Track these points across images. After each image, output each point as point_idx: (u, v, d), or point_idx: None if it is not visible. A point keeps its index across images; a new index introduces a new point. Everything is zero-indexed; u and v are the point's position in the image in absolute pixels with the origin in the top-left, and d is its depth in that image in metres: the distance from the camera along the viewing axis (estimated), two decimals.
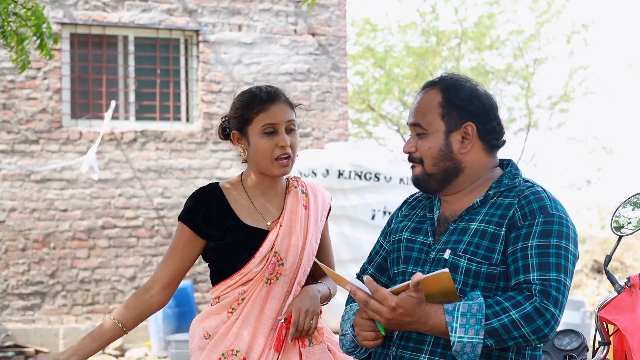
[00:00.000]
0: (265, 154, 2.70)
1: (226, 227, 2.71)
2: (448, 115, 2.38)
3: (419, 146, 2.40)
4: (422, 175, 2.42)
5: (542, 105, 16.56)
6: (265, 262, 2.70)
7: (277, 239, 2.71)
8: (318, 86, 9.70)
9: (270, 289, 2.71)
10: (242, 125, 2.74)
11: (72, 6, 8.91)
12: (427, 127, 2.39)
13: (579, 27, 16.36)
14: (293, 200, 2.79)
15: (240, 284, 2.71)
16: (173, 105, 9.36)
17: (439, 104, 2.39)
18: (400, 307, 2.16)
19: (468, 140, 2.39)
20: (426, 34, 16.59)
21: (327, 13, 9.77)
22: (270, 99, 2.73)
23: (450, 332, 2.16)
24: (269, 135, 2.71)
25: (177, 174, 9.18)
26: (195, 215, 2.72)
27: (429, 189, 2.45)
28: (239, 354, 2.66)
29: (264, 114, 2.71)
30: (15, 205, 8.70)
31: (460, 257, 2.31)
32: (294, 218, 2.76)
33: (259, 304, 2.70)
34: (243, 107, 2.74)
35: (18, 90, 8.75)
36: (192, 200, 2.74)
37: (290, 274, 2.73)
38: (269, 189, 2.80)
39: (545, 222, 2.28)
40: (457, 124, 2.38)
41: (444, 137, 2.38)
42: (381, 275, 2.59)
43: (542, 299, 2.18)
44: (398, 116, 17.03)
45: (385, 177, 7.17)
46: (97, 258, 8.89)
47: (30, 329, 8.70)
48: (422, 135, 2.40)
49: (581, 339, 2.93)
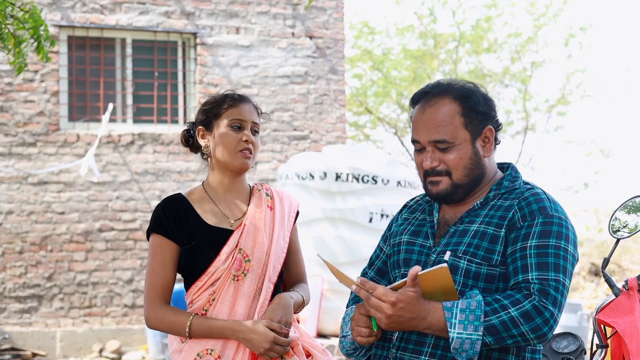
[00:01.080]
0: (230, 145, 2.78)
1: (192, 230, 2.76)
2: (471, 124, 2.37)
3: (446, 159, 2.36)
4: (450, 187, 2.38)
5: (539, 108, 16.58)
6: (230, 260, 2.74)
7: (242, 237, 2.76)
8: (316, 89, 9.70)
9: (238, 286, 2.74)
10: (209, 119, 2.84)
11: (69, 9, 8.90)
12: (453, 140, 2.35)
13: (577, 30, 16.39)
14: (257, 201, 2.86)
15: (209, 284, 2.74)
16: (170, 108, 9.35)
17: (459, 114, 2.37)
18: (400, 302, 2.15)
19: (488, 143, 2.41)
20: (424, 36, 16.60)
21: (325, 16, 9.78)
22: (241, 99, 2.87)
23: (450, 328, 2.16)
24: (236, 130, 2.80)
25: (175, 177, 9.17)
26: (165, 222, 2.77)
27: (454, 200, 2.42)
28: (214, 352, 2.70)
29: (233, 110, 2.82)
30: (12, 208, 8.69)
31: (460, 259, 2.32)
32: (258, 217, 2.81)
33: (229, 301, 2.73)
34: (214, 104, 2.85)
35: (15, 93, 8.74)
36: (159, 210, 2.80)
37: (259, 270, 2.76)
38: (232, 190, 2.85)
39: (545, 222, 2.29)
40: (479, 130, 2.38)
41: (471, 145, 2.37)
42: (382, 279, 2.59)
43: (540, 297, 2.18)
44: (396, 119, 17.04)
45: (383, 180, 7.16)
46: (94, 261, 8.88)
47: (27, 332, 8.68)
48: (449, 149, 2.36)
49: (579, 342, 2.93)
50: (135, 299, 9.00)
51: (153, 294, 2.75)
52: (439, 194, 2.40)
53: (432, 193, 2.42)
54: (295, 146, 9.57)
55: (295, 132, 9.59)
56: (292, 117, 9.60)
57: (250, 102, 2.87)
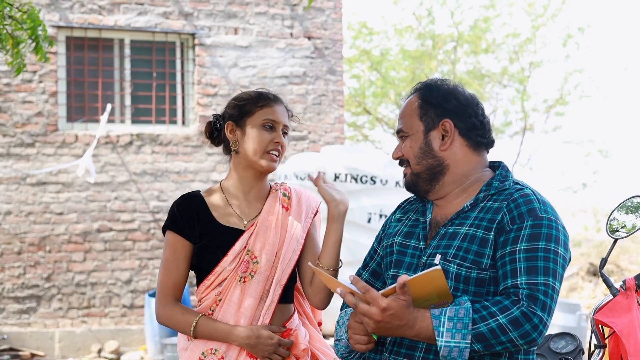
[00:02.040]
0: (261, 144, 2.78)
1: (203, 229, 2.77)
2: (426, 115, 2.44)
3: (403, 148, 2.47)
4: (410, 176, 2.47)
5: (538, 108, 16.58)
6: (238, 261, 2.74)
7: (251, 238, 2.75)
8: (314, 89, 9.70)
9: (245, 288, 2.74)
10: (241, 116, 2.81)
11: (68, 9, 8.90)
12: (408, 130, 2.46)
13: (575, 31, 16.40)
14: (271, 202, 2.84)
15: (216, 284, 2.75)
16: (169, 109, 9.35)
17: (417, 106, 2.46)
18: (390, 309, 2.15)
19: (447, 137, 2.43)
20: (422, 37, 16.61)
21: (323, 16, 9.78)
22: (276, 100, 2.88)
23: (437, 336, 2.15)
24: (268, 129, 2.80)
25: (173, 177, 9.17)
26: (179, 220, 2.78)
27: (420, 190, 2.47)
28: (218, 352, 2.72)
29: (267, 109, 2.82)
30: (10, 209, 8.69)
31: (450, 263, 2.31)
32: (271, 218, 2.80)
33: (235, 303, 2.73)
34: (247, 100, 2.83)
35: (14, 94, 8.74)
36: (174, 208, 2.81)
37: (266, 272, 2.75)
38: (250, 191, 2.84)
39: (534, 225, 2.27)
40: (435, 122, 2.43)
41: (423, 136, 2.43)
42: (376, 280, 2.59)
43: (529, 303, 2.17)
44: (394, 119, 17.03)
45: (381, 180, 7.17)
46: (92, 261, 8.88)
47: (25, 332, 8.68)
48: (405, 138, 2.47)
49: (577, 342, 2.93)
50: (134, 300, 9.00)
51: (164, 291, 2.77)
52: (406, 183, 2.51)
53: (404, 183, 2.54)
54: (293, 146, 9.57)
55: (294, 132, 9.59)
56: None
57: (283, 103, 2.89)
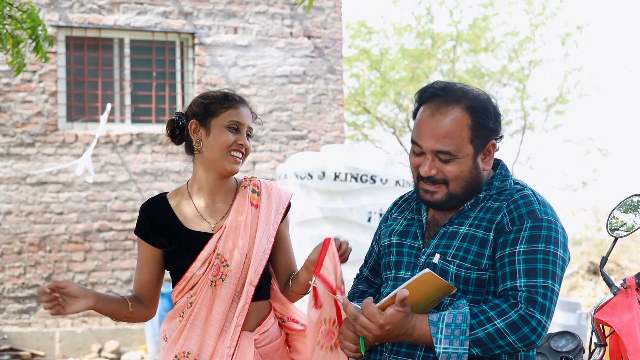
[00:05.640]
0: (224, 146, 2.74)
1: (170, 235, 2.76)
2: (477, 139, 2.31)
3: (446, 170, 2.30)
4: (445, 197, 2.34)
5: (537, 107, 16.58)
6: (207, 265, 2.72)
7: (220, 241, 2.72)
8: (314, 89, 9.70)
9: (215, 291, 2.72)
10: (206, 116, 2.79)
11: (67, 9, 8.90)
12: (456, 153, 2.29)
13: (574, 29, 16.41)
14: (240, 200, 2.80)
15: (187, 288, 2.75)
16: (169, 108, 9.35)
17: (468, 127, 2.30)
18: (388, 324, 2.17)
19: (489, 156, 2.37)
20: (421, 36, 16.60)
21: (323, 16, 9.78)
22: (241, 101, 2.83)
23: (435, 343, 2.16)
24: (232, 131, 2.76)
25: (173, 177, 9.17)
26: (143, 226, 2.81)
27: (445, 208, 2.38)
28: (190, 355, 2.72)
29: (233, 111, 2.78)
30: (11, 209, 8.69)
31: (449, 263, 2.30)
32: (240, 218, 2.76)
33: (206, 306, 2.73)
34: (213, 100, 2.80)
35: (14, 93, 8.74)
36: (140, 213, 2.85)
37: (237, 274, 2.72)
38: (216, 190, 2.81)
39: (534, 227, 2.26)
40: (484, 144, 2.34)
41: (473, 160, 2.32)
42: (375, 277, 2.60)
43: (527, 306, 2.17)
44: (394, 118, 17.04)
45: (382, 180, 7.16)
46: (93, 261, 8.88)
47: (26, 332, 8.68)
48: (450, 161, 2.30)
49: (577, 341, 2.94)
50: None
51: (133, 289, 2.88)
52: (433, 202, 2.36)
53: (424, 200, 2.37)
54: (293, 146, 9.57)
55: (294, 131, 9.59)
56: (291, 117, 9.60)
57: (248, 105, 2.84)
